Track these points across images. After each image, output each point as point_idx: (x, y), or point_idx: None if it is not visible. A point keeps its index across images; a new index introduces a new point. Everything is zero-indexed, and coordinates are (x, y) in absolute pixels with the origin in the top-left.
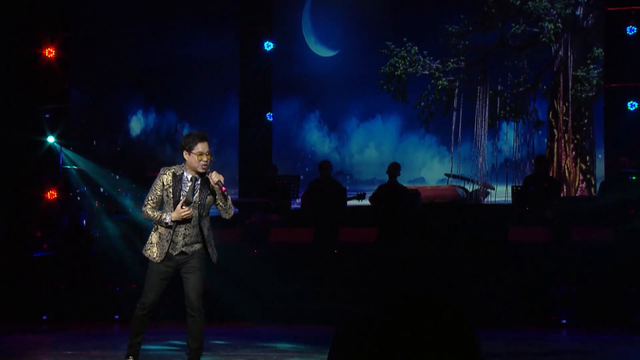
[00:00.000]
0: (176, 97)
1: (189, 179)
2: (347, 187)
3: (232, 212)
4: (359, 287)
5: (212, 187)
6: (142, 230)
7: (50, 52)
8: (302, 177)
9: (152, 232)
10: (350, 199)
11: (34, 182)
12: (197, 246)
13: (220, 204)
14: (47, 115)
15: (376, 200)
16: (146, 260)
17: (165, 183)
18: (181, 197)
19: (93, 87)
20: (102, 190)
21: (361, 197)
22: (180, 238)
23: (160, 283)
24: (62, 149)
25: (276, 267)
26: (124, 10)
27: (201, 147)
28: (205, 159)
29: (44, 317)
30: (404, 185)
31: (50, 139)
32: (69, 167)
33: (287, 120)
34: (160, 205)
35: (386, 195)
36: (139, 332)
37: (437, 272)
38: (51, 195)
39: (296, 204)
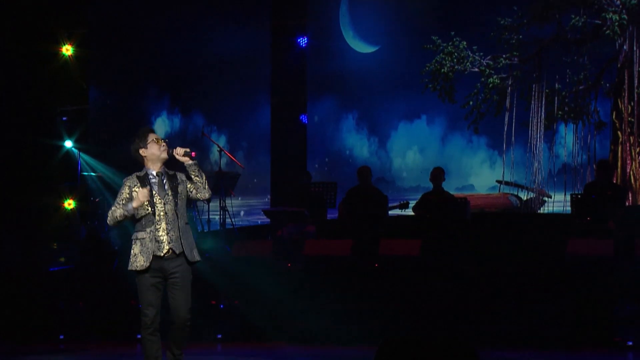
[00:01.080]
0: (203, 97)
1: (155, 175)
2: (389, 195)
3: (209, 192)
4: (401, 304)
5: (184, 172)
6: None
7: (67, 50)
8: (339, 184)
9: (133, 245)
10: (392, 208)
11: (50, 190)
12: (184, 244)
13: (197, 178)
14: (64, 118)
15: (420, 210)
16: (134, 277)
17: (131, 186)
18: (153, 192)
19: (114, 87)
20: None
21: (404, 206)
22: (163, 234)
23: (155, 295)
24: (81, 154)
25: (311, 283)
26: (148, 4)
27: (153, 136)
28: (163, 143)
29: (61, 337)
30: (451, 193)
31: (68, 144)
32: (87, 173)
33: (322, 122)
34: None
35: (431, 204)
36: (154, 357)
37: (487, 288)
38: (68, 204)
39: (333, 213)
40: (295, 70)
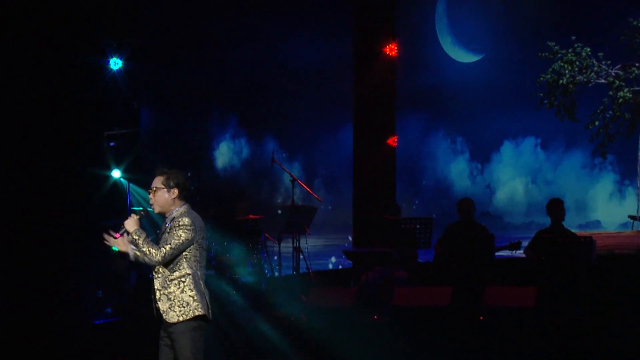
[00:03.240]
0: (275, 118)
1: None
2: (496, 233)
3: (152, 257)
4: None
5: (166, 229)
6: (227, 291)
7: (115, 63)
8: (435, 219)
9: None
10: (500, 249)
11: (93, 229)
12: (168, 303)
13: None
14: (111, 144)
15: (535, 251)
16: None
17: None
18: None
19: (170, 107)
20: None
21: (515, 246)
22: (152, 294)
23: (162, 354)
24: (130, 185)
25: (402, 339)
26: (211, 9)
27: (153, 182)
28: (150, 195)
29: None
30: (573, 230)
31: (116, 174)
32: (138, 208)
33: (414, 146)
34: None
35: (548, 244)
36: None
37: (618, 347)
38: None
39: (428, 255)
40: (383, 84)
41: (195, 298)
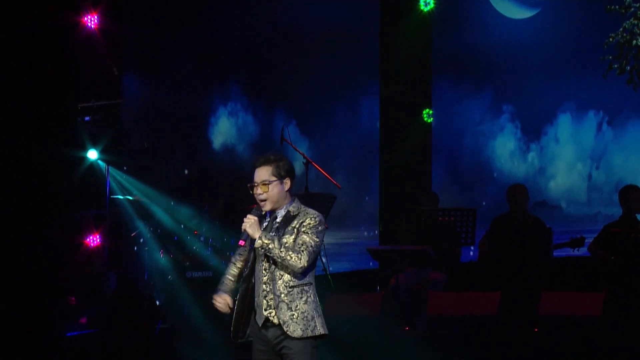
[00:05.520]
0: (286, 87)
1: (269, 215)
2: (554, 227)
3: (294, 263)
4: None
5: (294, 227)
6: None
7: (91, 20)
8: (479, 210)
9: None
10: (559, 246)
11: (66, 222)
12: (290, 313)
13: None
14: (86, 118)
15: (602, 248)
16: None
17: None
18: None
19: (158, 74)
20: (169, 233)
21: (577, 243)
22: (261, 298)
23: None
24: (110, 169)
25: (438, 354)
26: None
27: (255, 176)
28: (258, 191)
29: None
30: None
31: (92, 155)
32: (119, 197)
33: (453, 120)
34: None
35: (618, 240)
36: None
37: None
38: (93, 241)
39: (471, 253)
40: (416, 46)
41: (319, 312)
